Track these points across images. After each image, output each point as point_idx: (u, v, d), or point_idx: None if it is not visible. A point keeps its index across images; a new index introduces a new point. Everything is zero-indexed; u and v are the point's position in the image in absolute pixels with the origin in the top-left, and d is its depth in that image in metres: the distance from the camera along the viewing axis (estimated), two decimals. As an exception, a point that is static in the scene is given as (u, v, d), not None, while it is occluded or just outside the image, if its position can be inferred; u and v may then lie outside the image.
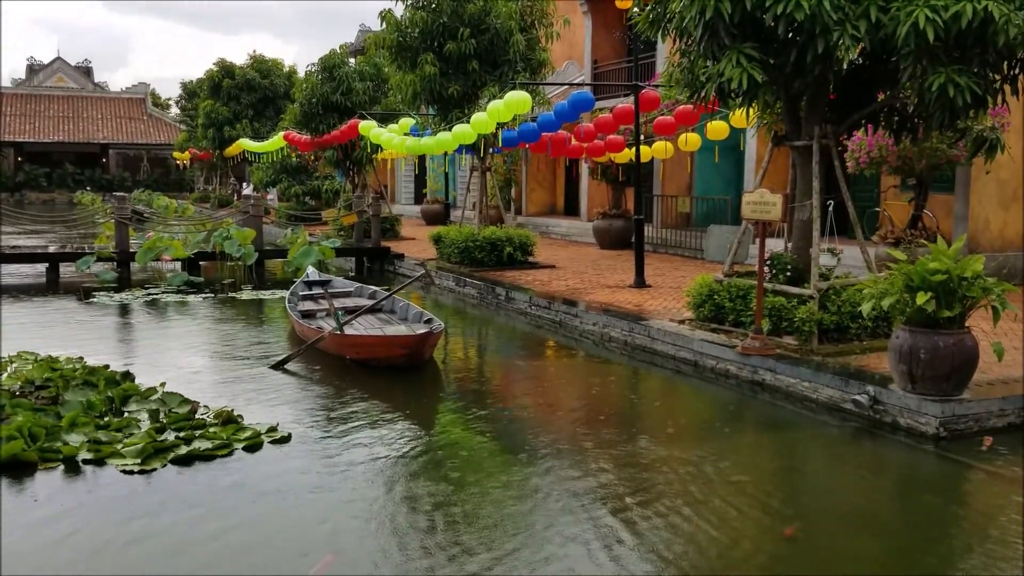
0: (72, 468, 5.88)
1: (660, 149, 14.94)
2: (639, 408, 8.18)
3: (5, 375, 8.16)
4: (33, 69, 66.88)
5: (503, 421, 7.37)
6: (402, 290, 11.28)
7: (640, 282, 12.60)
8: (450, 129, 14.33)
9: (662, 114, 14.24)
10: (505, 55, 15.18)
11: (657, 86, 13.84)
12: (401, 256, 17.90)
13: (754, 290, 8.56)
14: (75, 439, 6.24)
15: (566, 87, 21.74)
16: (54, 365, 8.39)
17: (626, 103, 14.60)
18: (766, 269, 8.56)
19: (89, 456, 6.01)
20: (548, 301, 11.75)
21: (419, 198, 32.03)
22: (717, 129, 13.28)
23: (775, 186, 8.71)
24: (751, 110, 9.44)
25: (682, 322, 9.63)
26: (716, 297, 9.13)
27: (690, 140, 13.44)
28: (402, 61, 15.72)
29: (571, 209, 24.32)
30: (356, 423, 7.09)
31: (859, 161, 11.80)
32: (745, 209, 8.43)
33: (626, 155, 15.78)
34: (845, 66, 7.88)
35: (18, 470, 5.77)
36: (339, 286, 12.81)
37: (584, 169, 20.95)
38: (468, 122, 13.76)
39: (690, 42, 8.90)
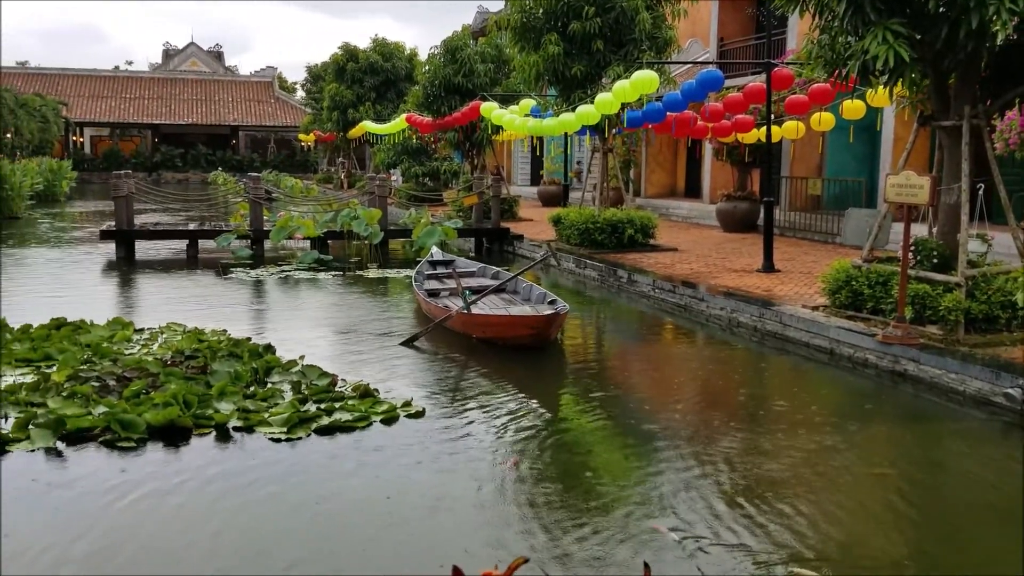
0: (223, 435, 6.19)
1: (791, 129, 14.47)
2: (769, 395, 7.98)
3: (156, 344, 8.67)
4: (169, 54, 70.38)
5: (626, 404, 7.34)
6: (528, 271, 11.36)
7: (769, 266, 12.28)
8: (573, 109, 14.28)
9: (794, 93, 13.77)
10: (630, 34, 15.00)
11: (790, 63, 13.39)
12: (520, 237, 17.99)
13: (895, 276, 8.22)
14: (225, 407, 6.56)
15: (689, 66, 21.34)
16: (201, 337, 8.84)
17: (755, 81, 14.20)
18: (911, 255, 8.19)
19: (239, 424, 6.31)
20: (672, 284, 11.60)
21: (535, 179, 32.10)
22: (853, 108, 12.76)
23: (912, 168, 8.32)
24: (895, 88, 9.03)
25: (816, 308, 9.34)
26: (854, 283, 8.81)
27: (824, 120, 12.94)
28: (525, 42, 15.75)
29: (692, 191, 23.88)
30: (484, 400, 7.19)
31: (1008, 142, 11.11)
32: (889, 192, 8.08)
33: (754, 135, 15.38)
34: (1000, 42, 7.41)
35: (174, 435, 6.10)
36: (463, 266, 12.98)
37: (708, 150, 20.52)
38: (591, 102, 13.69)
39: (831, 18, 8.58)
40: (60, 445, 5.82)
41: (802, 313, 9.21)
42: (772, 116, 13.07)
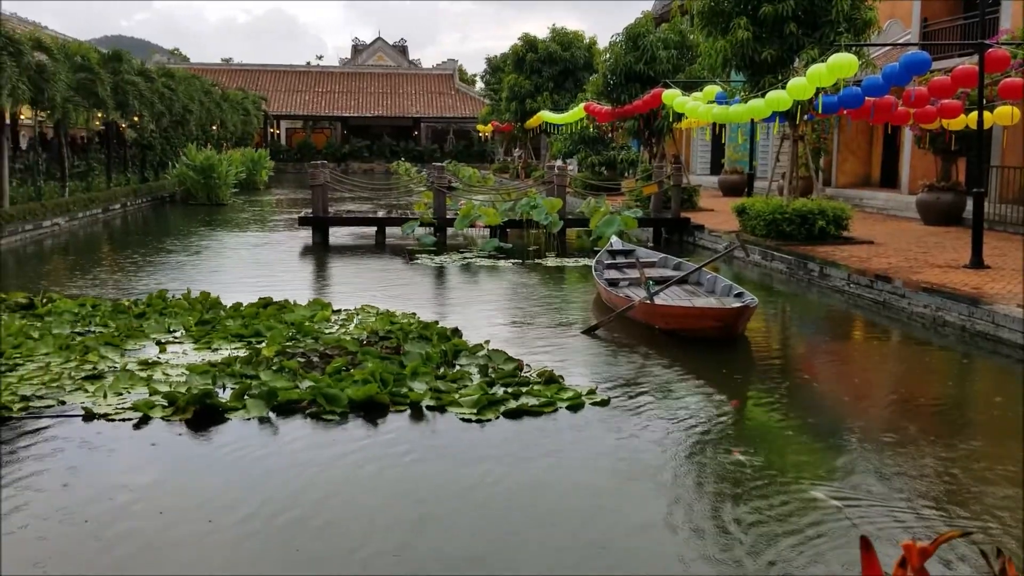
0: (417, 412, 6.41)
1: (1004, 114, 13.31)
2: (976, 400, 7.40)
3: (352, 325, 9.09)
4: (357, 49, 73.78)
5: (817, 404, 7.01)
6: (713, 262, 11.09)
7: (977, 262, 11.36)
8: (762, 95, 13.77)
9: (1009, 75, 12.66)
10: (826, 15, 14.28)
11: (1005, 44, 12.32)
12: (701, 227, 17.58)
13: None
14: (419, 387, 6.79)
15: (887, 49, 20.10)
16: (392, 319, 9.19)
17: (964, 63, 13.16)
18: None
19: (432, 403, 6.51)
20: (870, 279, 10.97)
21: (715, 168, 31.31)
22: (1080, 90, 11.58)
23: None
24: None
25: (1035, 308, 8.56)
26: (1082, 282, 8.00)
27: (1045, 103, 11.83)
28: (712, 27, 15.32)
29: (888, 180, 22.48)
30: (668, 392, 7.08)
31: None
32: None
33: (961, 121, 14.27)
34: None
35: (372, 410, 6.37)
36: (643, 256, 12.81)
37: (907, 136, 19.26)
38: (782, 87, 13.15)
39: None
40: (271, 415, 6.22)
41: (1017, 313, 8.46)
42: (984, 100, 12.07)
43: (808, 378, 7.98)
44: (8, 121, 19.47)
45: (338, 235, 18.09)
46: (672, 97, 17.99)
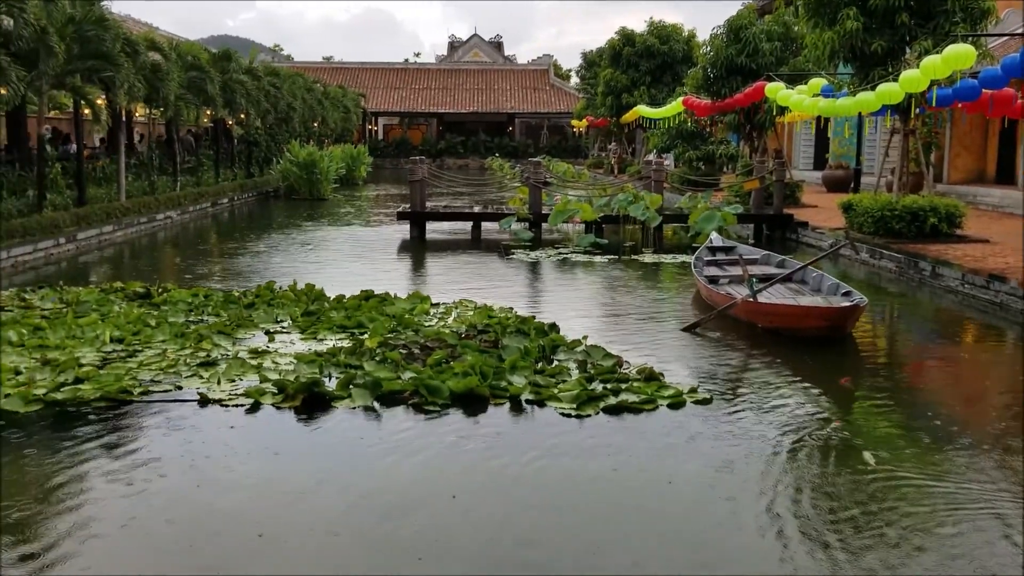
0: (517, 406, 6.43)
1: None
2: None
3: (451, 318, 9.19)
4: (453, 46, 74.50)
5: (930, 410, 6.70)
6: (819, 260, 10.79)
7: (1105, 263, 10.74)
8: (872, 88, 13.30)
9: None
10: (941, 5, 13.68)
11: None
12: (805, 224, 17.10)
13: None
14: (518, 380, 6.82)
15: (1005, 39, 19.14)
16: (490, 313, 9.24)
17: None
18: None
19: (531, 397, 6.53)
20: (985, 279, 10.47)
21: (818, 163, 30.42)
22: None
23: None
24: None
25: None
26: None
27: None
28: (819, 18, 14.88)
29: (1005, 176, 21.40)
30: (772, 392, 6.91)
31: None
32: None
33: (1088, 114, 13.49)
34: None
35: (473, 403, 6.43)
36: (745, 253, 12.54)
37: (1026, 131, 18.31)
38: (893, 80, 12.67)
39: None
40: (376, 405, 6.35)
41: None
42: (1117, 90, 11.38)
43: (920, 381, 7.68)
44: (124, 119, 20.42)
45: (435, 230, 18.31)
46: (775, 90, 17.56)
